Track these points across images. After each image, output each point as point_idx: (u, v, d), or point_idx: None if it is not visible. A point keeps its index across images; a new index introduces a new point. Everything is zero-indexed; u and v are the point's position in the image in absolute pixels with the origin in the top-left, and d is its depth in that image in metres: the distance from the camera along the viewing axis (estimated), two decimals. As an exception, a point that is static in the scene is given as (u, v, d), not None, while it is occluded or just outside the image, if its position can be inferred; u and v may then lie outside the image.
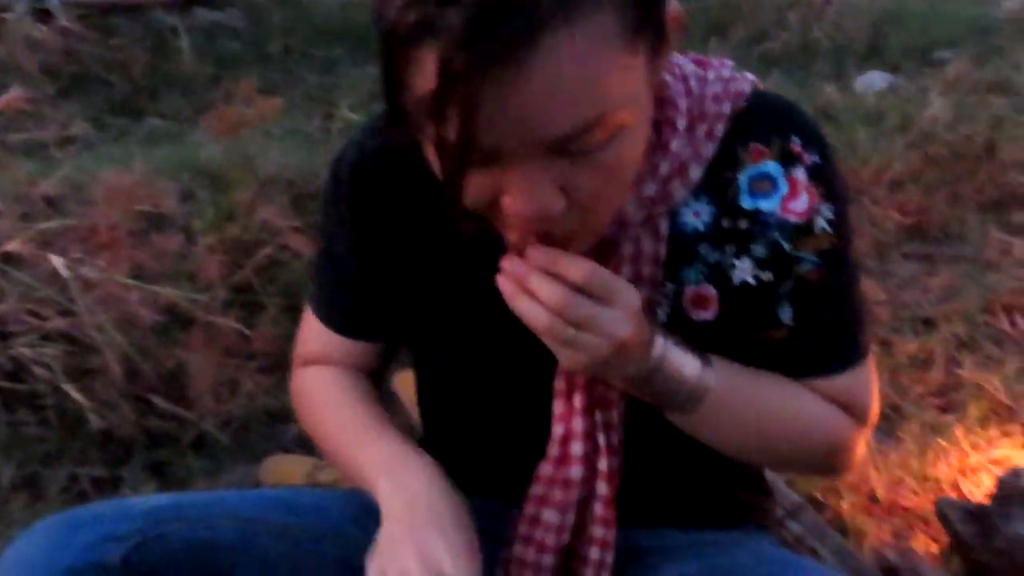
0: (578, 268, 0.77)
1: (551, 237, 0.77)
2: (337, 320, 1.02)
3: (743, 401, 0.89)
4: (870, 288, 2.20)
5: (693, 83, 0.86)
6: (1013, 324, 2.23)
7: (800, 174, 0.88)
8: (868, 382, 0.97)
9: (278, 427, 1.73)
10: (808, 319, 0.92)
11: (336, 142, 2.60)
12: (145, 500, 1.00)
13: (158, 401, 1.65)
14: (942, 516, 1.35)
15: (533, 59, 0.65)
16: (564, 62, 0.66)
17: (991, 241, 2.55)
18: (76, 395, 1.57)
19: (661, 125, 0.84)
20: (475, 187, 0.73)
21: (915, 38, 4.28)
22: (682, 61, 0.88)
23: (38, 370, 1.58)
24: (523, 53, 0.65)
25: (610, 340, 0.78)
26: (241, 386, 1.66)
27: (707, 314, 0.91)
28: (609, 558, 0.95)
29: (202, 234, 1.70)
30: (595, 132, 0.71)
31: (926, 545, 1.41)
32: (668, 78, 0.85)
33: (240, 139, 2.07)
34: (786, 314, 0.91)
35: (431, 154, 0.75)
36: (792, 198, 0.89)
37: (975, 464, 1.65)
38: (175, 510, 0.97)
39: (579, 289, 0.77)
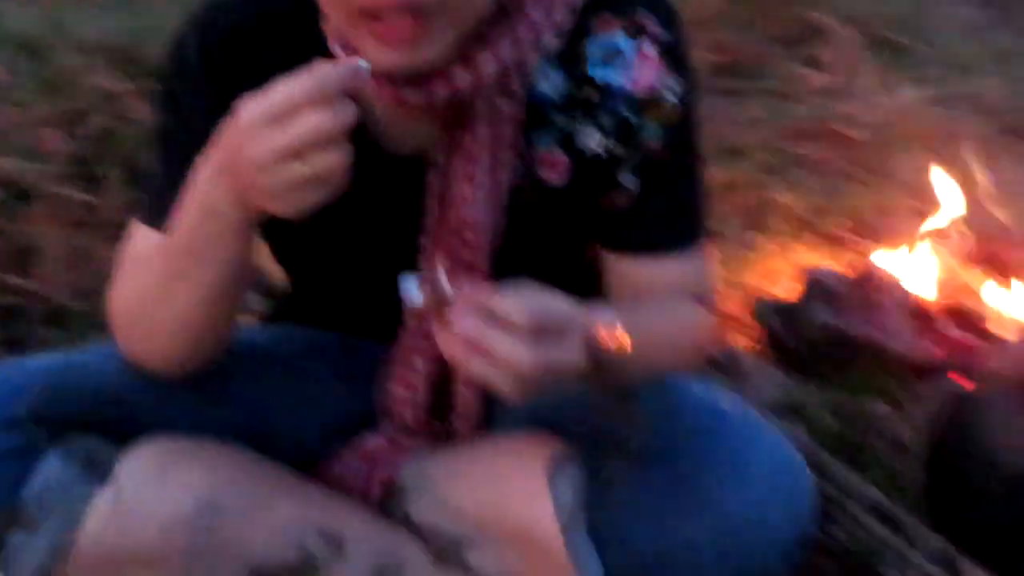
0: (521, 311, 0.75)
1: (407, 11, 0.78)
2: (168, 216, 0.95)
3: (646, 342, 0.89)
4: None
5: None
6: (810, 149, 2.45)
7: (648, 48, 0.93)
8: (709, 269, 1.05)
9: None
10: (651, 189, 0.98)
11: (152, 5, 2.51)
12: (39, 358, 1.05)
13: (7, 278, 1.63)
14: (758, 315, 1.55)
15: None
16: None
17: (791, 74, 2.76)
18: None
19: None
20: None
21: None
22: None
23: None
24: None
25: (572, 369, 0.80)
26: (92, 256, 1.66)
27: (557, 178, 0.97)
28: (476, 394, 1.03)
29: (34, 105, 1.66)
30: None
31: (744, 342, 1.62)
32: None
33: (51, 4, 1.99)
34: (629, 181, 0.98)
35: None
36: (640, 70, 0.94)
37: (780, 269, 1.86)
38: (71, 365, 1.02)
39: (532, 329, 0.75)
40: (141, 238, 0.99)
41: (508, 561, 0.98)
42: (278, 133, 0.74)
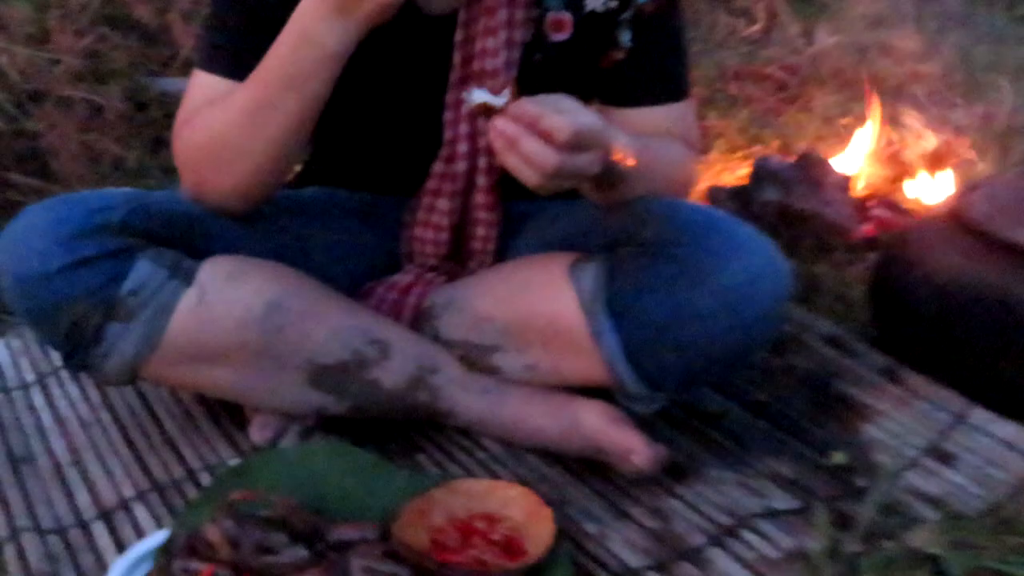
0: (564, 129, 0.88)
1: None
2: (245, 66, 1.06)
3: (646, 163, 1.02)
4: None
5: None
6: (742, 88, 2.68)
7: None
8: (694, 118, 1.23)
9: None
10: (643, 45, 1.15)
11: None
12: (115, 189, 1.17)
13: (15, 177, 1.72)
14: (713, 199, 1.74)
15: None
16: None
17: (720, 24, 2.98)
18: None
19: None
20: None
21: None
22: None
23: None
24: None
25: (589, 175, 0.94)
26: (101, 158, 1.76)
27: (563, 35, 1.14)
28: (492, 233, 1.20)
29: (47, 9, 1.75)
30: None
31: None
32: None
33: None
34: (625, 37, 1.15)
35: None
36: None
37: (726, 180, 2.07)
38: (150, 194, 1.14)
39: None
40: (207, 84, 1.11)
41: (531, 357, 1.14)
42: None
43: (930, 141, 2.10)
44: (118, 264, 1.05)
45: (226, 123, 1.07)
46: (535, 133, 0.89)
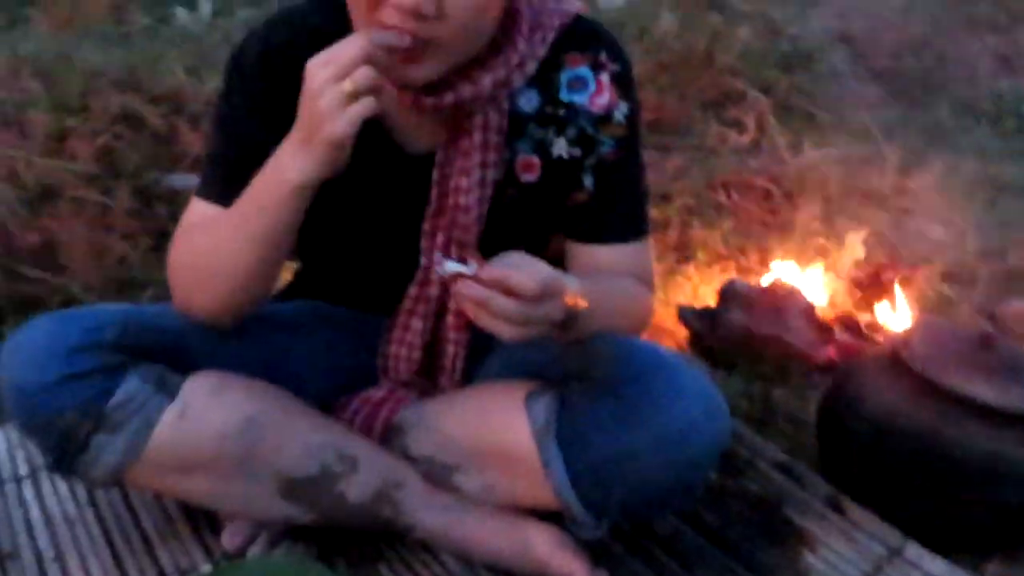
0: (530, 284, 0.97)
1: (414, 46, 1.00)
2: (234, 192, 1.12)
3: (598, 304, 1.10)
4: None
5: (535, 0, 1.16)
6: (729, 196, 2.77)
7: (605, 78, 1.19)
8: (651, 258, 1.31)
9: (138, 291, 1.95)
10: (605, 189, 1.23)
11: (137, 41, 2.75)
12: (112, 305, 1.27)
13: (30, 271, 1.82)
14: (682, 319, 1.83)
15: None
16: None
17: (712, 132, 3.09)
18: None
19: (510, 29, 1.12)
20: None
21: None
22: None
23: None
24: None
25: (553, 322, 1.02)
26: (106, 255, 1.87)
27: (531, 177, 1.22)
28: (462, 352, 1.27)
29: (65, 116, 1.87)
30: None
31: (670, 344, 1.90)
32: None
33: (68, 36, 2.20)
34: (588, 181, 1.23)
35: None
36: (598, 95, 1.20)
37: (703, 293, 2.16)
38: (143, 310, 1.24)
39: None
40: (199, 211, 1.21)
41: (489, 478, 1.23)
42: (327, 68, 0.98)
43: (902, 263, 2.19)
44: (108, 379, 1.13)
45: (206, 245, 1.15)
46: (502, 292, 0.98)
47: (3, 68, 1.90)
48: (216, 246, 1.15)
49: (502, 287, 0.97)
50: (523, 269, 1.00)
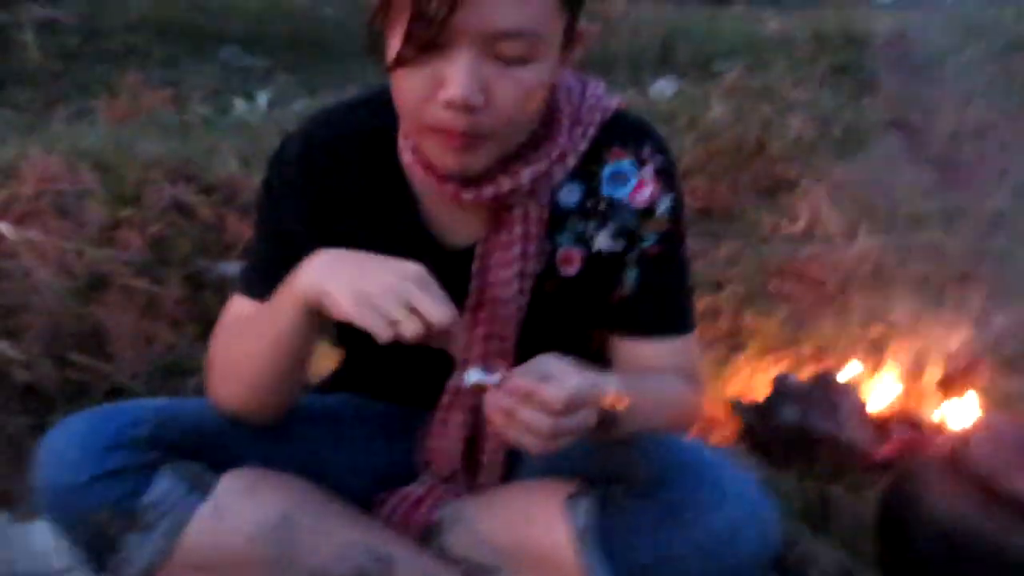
0: (558, 398, 0.94)
1: (466, 135, 1.00)
2: (272, 290, 1.11)
3: (642, 403, 1.08)
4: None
5: (575, 95, 1.16)
6: (782, 285, 2.73)
7: (648, 172, 1.18)
8: (698, 353, 1.27)
9: (183, 378, 1.96)
10: (648, 283, 1.21)
11: (194, 132, 2.82)
12: (150, 400, 1.26)
13: (78, 357, 1.84)
14: (735, 412, 1.78)
15: None
16: None
17: (764, 220, 3.06)
18: (5, 351, 1.75)
19: (551, 122, 1.12)
20: (420, 77, 0.98)
21: (698, 50, 4.86)
22: (570, 78, 1.17)
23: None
24: None
25: (585, 430, 0.99)
26: (154, 342, 1.88)
27: (572, 270, 1.20)
28: (502, 447, 1.24)
29: (119, 206, 1.91)
30: (524, 43, 0.97)
31: (722, 438, 1.85)
32: (560, 90, 1.13)
33: (129, 127, 2.27)
34: (631, 276, 1.21)
35: (396, 39, 0.97)
36: (640, 189, 1.18)
37: (756, 384, 2.11)
38: (180, 405, 1.23)
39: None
40: (236, 306, 1.21)
41: (529, 582, 1.18)
42: (405, 283, 0.97)
43: (961, 355, 2.12)
44: (142, 477, 1.12)
45: (230, 345, 1.17)
46: (529, 404, 0.95)
47: (63, 161, 1.95)
48: (238, 347, 1.15)
49: (529, 399, 0.95)
50: (553, 378, 0.97)
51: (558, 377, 0.96)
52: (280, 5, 4.93)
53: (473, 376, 0.97)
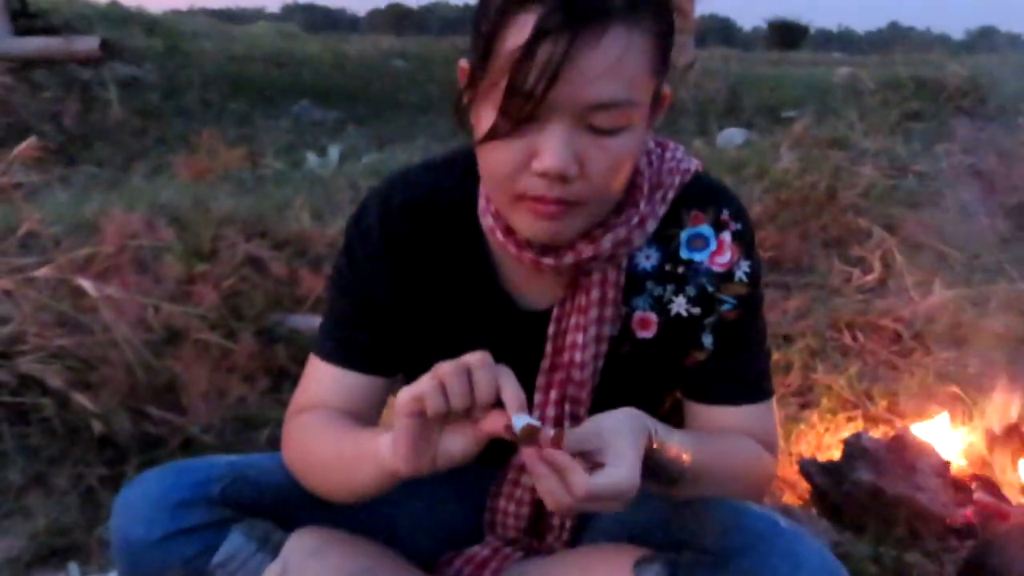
0: (580, 489, 0.92)
1: (560, 202, 1.00)
2: (355, 358, 1.15)
3: (710, 462, 1.07)
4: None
5: (655, 158, 1.16)
6: (854, 338, 2.67)
7: (726, 236, 1.17)
8: (774, 419, 1.24)
9: (255, 431, 1.99)
10: (725, 348, 1.19)
11: (268, 187, 2.89)
12: (223, 456, 1.28)
13: (153, 410, 1.89)
14: (805, 472, 1.74)
15: (605, 32, 0.92)
16: (624, 44, 0.94)
17: (835, 271, 3.02)
18: (84, 404, 1.80)
19: (632, 187, 1.12)
20: (513, 149, 0.98)
21: (766, 99, 4.85)
22: (649, 140, 1.16)
23: (47, 382, 1.81)
24: (600, 25, 0.92)
25: (614, 508, 0.96)
26: (226, 395, 1.92)
27: (648, 334, 1.19)
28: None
29: (195, 262, 1.97)
30: (618, 113, 0.97)
31: (792, 500, 1.81)
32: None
33: (206, 183, 2.34)
34: (707, 340, 1.19)
35: (488, 112, 0.98)
36: (719, 254, 1.17)
37: (827, 443, 2.06)
38: (252, 462, 1.25)
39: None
40: (323, 372, 1.21)
41: (596, 650, 1.16)
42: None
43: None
44: (213, 535, 1.14)
45: (308, 453, 1.16)
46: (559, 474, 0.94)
47: (143, 218, 2.01)
48: (312, 461, 1.16)
49: (557, 470, 0.94)
50: (608, 448, 0.96)
51: (612, 451, 0.96)
52: (350, 59, 5.05)
53: (522, 420, 0.96)
